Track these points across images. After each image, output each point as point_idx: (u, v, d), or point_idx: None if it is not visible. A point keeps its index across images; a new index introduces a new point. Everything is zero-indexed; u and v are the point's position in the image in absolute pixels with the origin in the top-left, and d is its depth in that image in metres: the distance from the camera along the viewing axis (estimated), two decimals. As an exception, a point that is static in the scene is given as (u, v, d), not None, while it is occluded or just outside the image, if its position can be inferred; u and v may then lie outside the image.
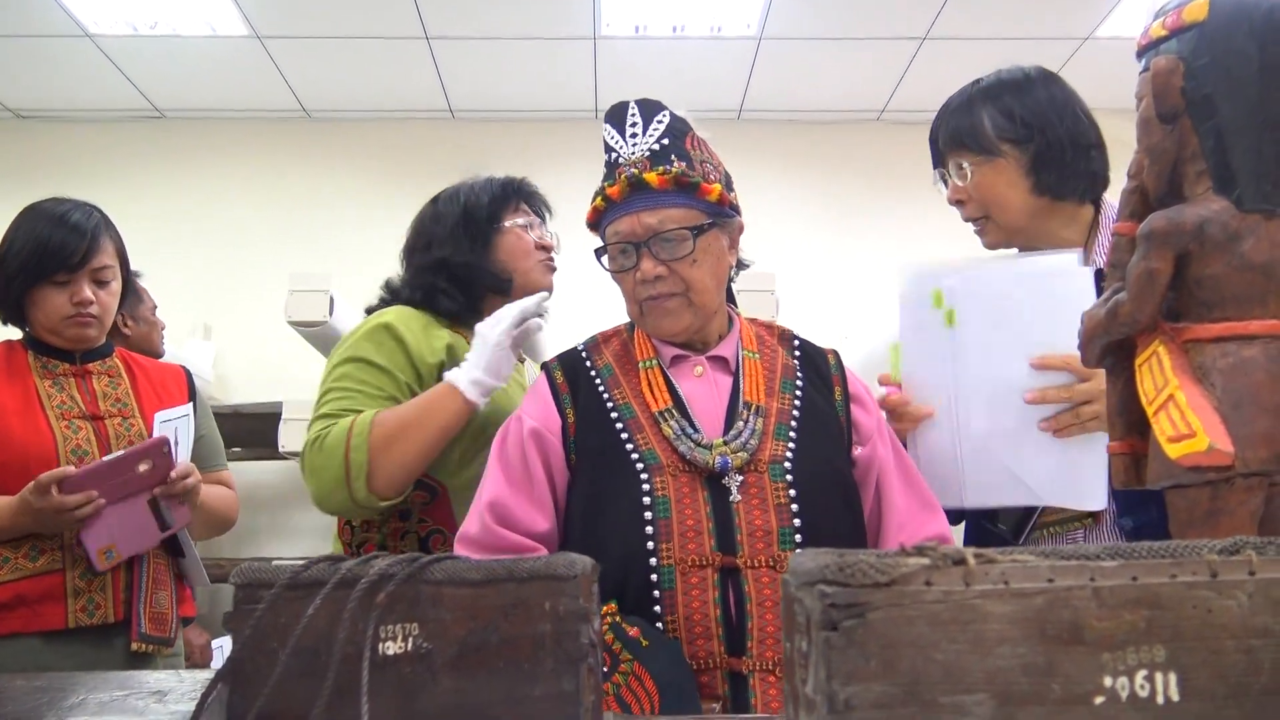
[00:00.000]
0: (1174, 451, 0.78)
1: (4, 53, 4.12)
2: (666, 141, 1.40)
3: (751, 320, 1.55)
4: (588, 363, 1.47)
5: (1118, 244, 0.88)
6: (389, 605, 0.75)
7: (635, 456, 1.34)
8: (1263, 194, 0.80)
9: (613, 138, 1.43)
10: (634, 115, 1.42)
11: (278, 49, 4.14)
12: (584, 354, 1.49)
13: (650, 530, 1.28)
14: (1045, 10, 3.87)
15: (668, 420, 1.36)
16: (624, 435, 1.36)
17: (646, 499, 1.30)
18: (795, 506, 1.30)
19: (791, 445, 1.36)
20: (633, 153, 1.40)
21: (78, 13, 3.84)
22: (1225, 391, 0.78)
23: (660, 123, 1.41)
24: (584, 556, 0.76)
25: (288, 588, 0.77)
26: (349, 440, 1.56)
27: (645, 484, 1.31)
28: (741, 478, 1.32)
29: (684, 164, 1.39)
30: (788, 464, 1.33)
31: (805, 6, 3.87)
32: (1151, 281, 0.82)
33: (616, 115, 1.44)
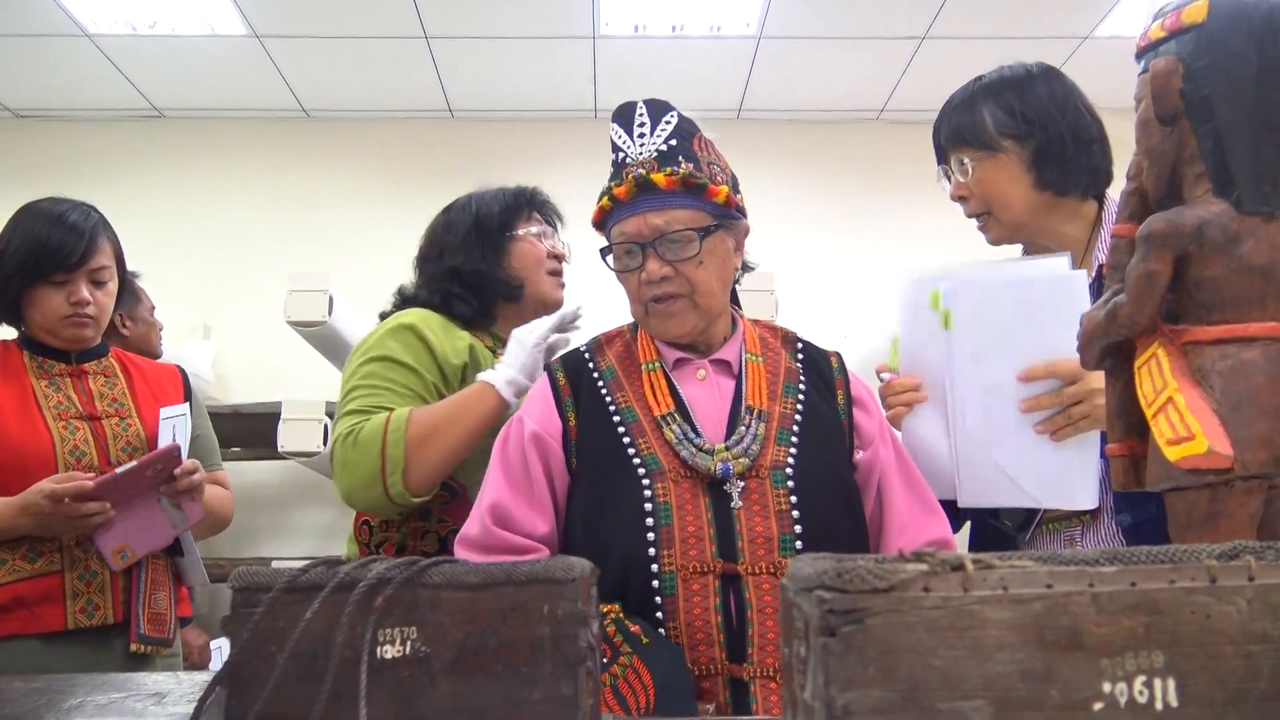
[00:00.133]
0: (1173, 454, 0.78)
1: (3, 52, 4.12)
2: (674, 142, 1.39)
3: (755, 322, 1.54)
4: (590, 364, 1.46)
5: (1117, 246, 0.88)
6: (387, 609, 0.74)
7: (637, 461, 1.34)
8: (1262, 196, 0.80)
9: (620, 137, 1.42)
10: (642, 115, 1.41)
11: (277, 48, 4.14)
12: (586, 355, 1.48)
13: (652, 537, 1.28)
14: (1045, 9, 3.87)
15: (670, 424, 1.35)
16: (626, 439, 1.36)
17: (648, 505, 1.30)
18: (796, 513, 1.30)
19: (793, 450, 1.35)
20: (640, 153, 1.39)
21: (76, 12, 3.84)
22: (1224, 394, 0.78)
23: (668, 123, 1.40)
24: (582, 560, 0.76)
25: (286, 591, 0.77)
26: (385, 436, 1.57)
27: (647, 490, 1.31)
28: (743, 484, 1.32)
29: (691, 165, 1.38)
30: (789, 469, 1.33)
31: (804, 6, 3.86)
32: (1151, 283, 0.82)
33: (624, 115, 1.43)
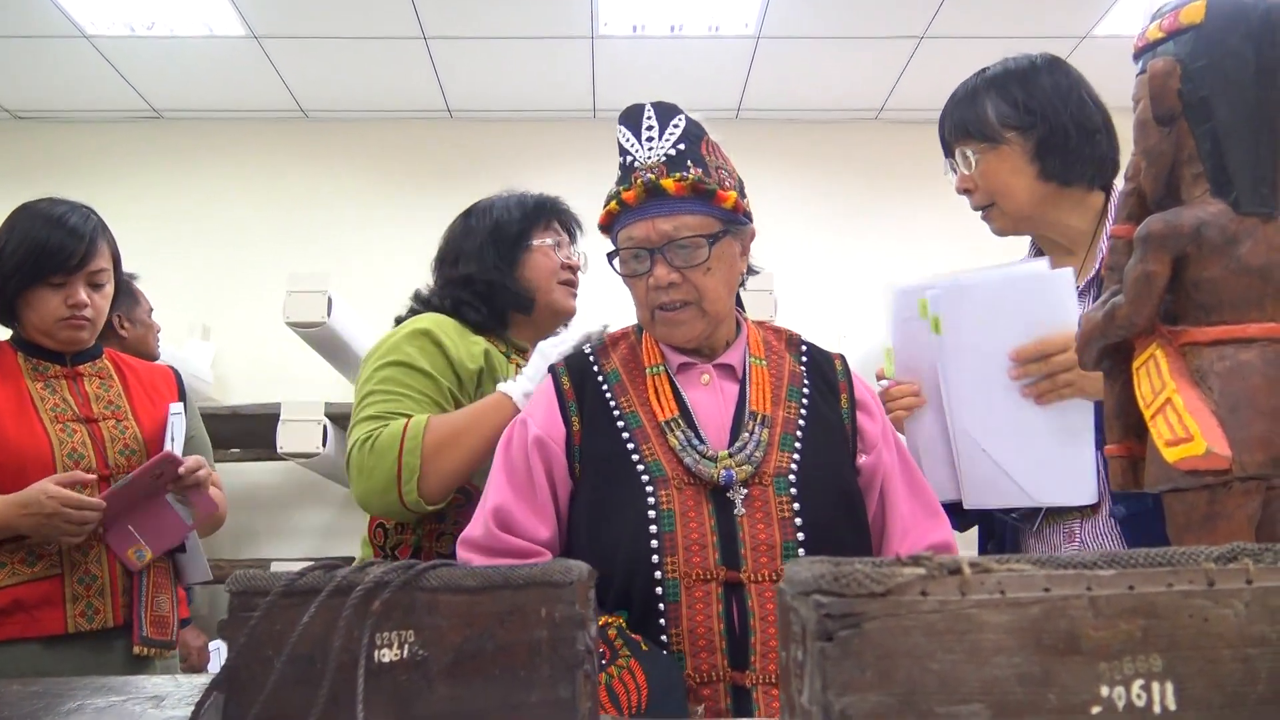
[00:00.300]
0: (1171, 455, 0.78)
1: (2, 54, 4.12)
2: (683, 146, 1.38)
3: (759, 324, 1.54)
4: (595, 367, 1.46)
5: (1115, 246, 0.88)
6: (384, 612, 0.74)
7: (641, 468, 1.33)
8: (1260, 197, 0.80)
9: (628, 140, 1.41)
10: (650, 118, 1.40)
11: (275, 49, 4.14)
12: (591, 357, 1.48)
13: (655, 544, 1.28)
14: (1043, 9, 3.87)
15: (674, 430, 1.35)
16: (630, 445, 1.36)
17: (651, 512, 1.30)
18: (799, 520, 1.30)
19: (796, 456, 1.35)
20: (649, 157, 1.38)
21: (75, 13, 3.84)
22: (1222, 395, 0.78)
23: (676, 127, 1.39)
24: (581, 563, 0.76)
25: (283, 595, 0.77)
26: (403, 443, 1.58)
27: (650, 496, 1.31)
28: (746, 491, 1.31)
29: (700, 170, 1.37)
30: (792, 476, 1.33)
31: (803, 6, 3.86)
32: (1149, 284, 0.82)
33: (632, 118, 1.41)
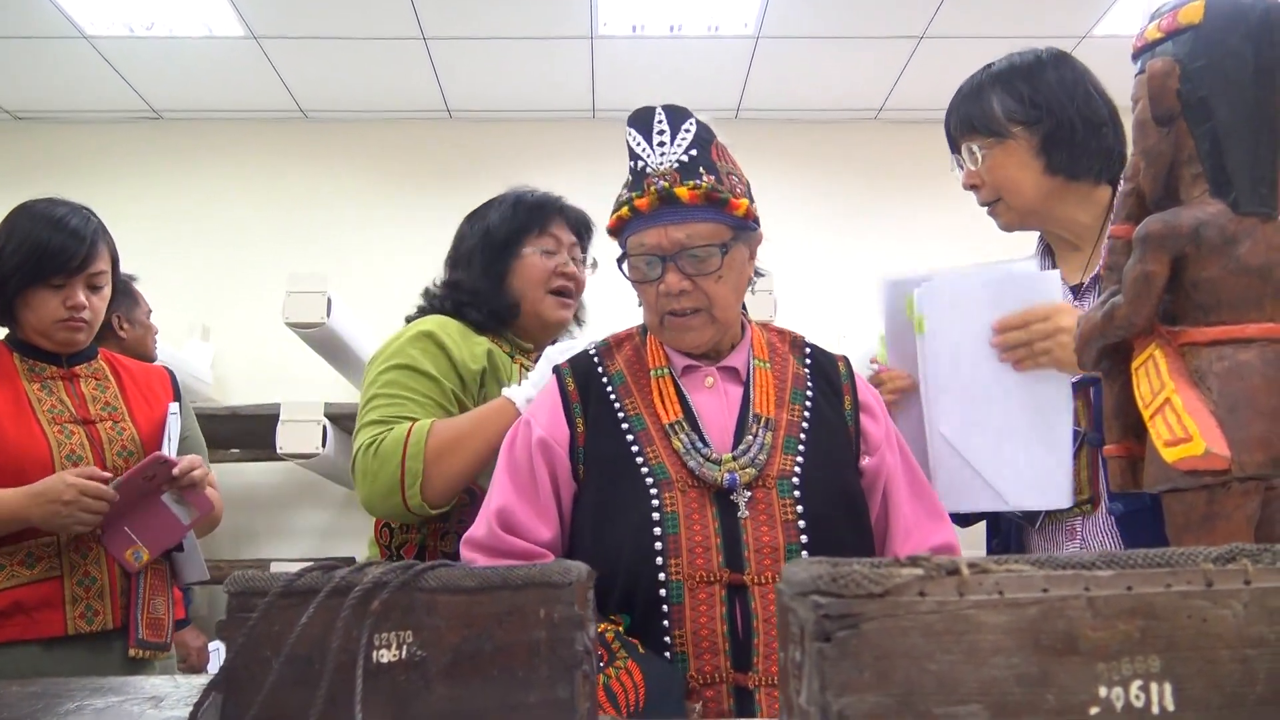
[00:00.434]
0: (1170, 455, 0.78)
1: (1, 54, 4.12)
2: (695, 152, 1.36)
3: (763, 326, 1.53)
4: (599, 368, 1.46)
5: (1114, 247, 0.88)
6: (383, 613, 0.74)
7: (645, 470, 1.33)
8: (1259, 197, 0.80)
9: (639, 145, 1.39)
10: (661, 122, 1.38)
11: (274, 49, 4.14)
12: (595, 359, 1.48)
13: (659, 546, 1.28)
14: (1042, 8, 3.87)
15: (678, 433, 1.35)
16: (634, 448, 1.36)
17: (655, 514, 1.30)
18: (802, 523, 1.30)
19: (800, 459, 1.35)
20: (661, 163, 1.36)
21: (74, 14, 3.84)
22: (1221, 395, 0.78)
23: (688, 131, 1.37)
24: (579, 563, 0.76)
25: (281, 595, 0.77)
26: (405, 448, 1.59)
27: (654, 499, 1.31)
28: (749, 494, 1.31)
29: (713, 178, 1.36)
30: (795, 479, 1.33)
31: (803, 6, 3.86)
32: (1148, 284, 0.81)
33: (643, 121, 1.40)
